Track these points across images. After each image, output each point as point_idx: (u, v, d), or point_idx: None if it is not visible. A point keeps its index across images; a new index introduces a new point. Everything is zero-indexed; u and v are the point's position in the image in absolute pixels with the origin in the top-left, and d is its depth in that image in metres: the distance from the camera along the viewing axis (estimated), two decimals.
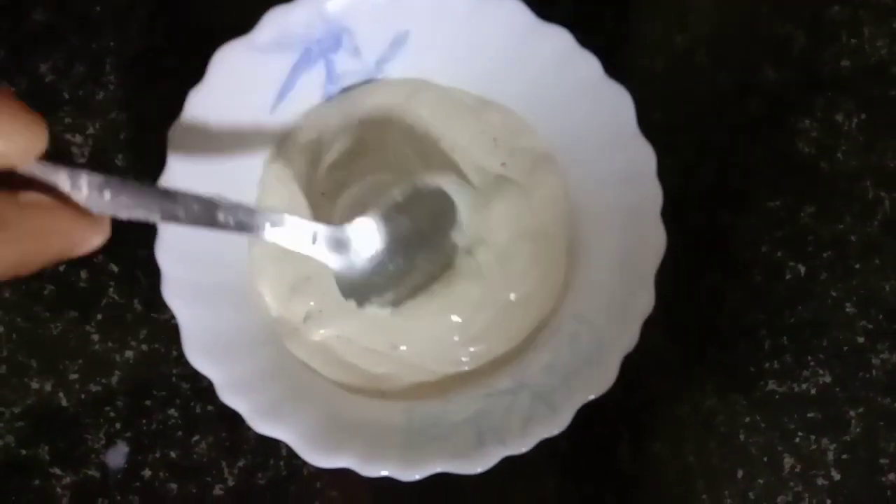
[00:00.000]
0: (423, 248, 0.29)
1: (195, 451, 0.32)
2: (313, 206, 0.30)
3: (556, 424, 0.27)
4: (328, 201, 0.30)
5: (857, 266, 0.34)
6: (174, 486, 0.32)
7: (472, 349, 0.30)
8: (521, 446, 0.27)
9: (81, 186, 0.20)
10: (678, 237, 0.28)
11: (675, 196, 0.28)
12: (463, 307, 0.30)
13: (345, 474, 0.27)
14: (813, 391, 0.33)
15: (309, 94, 0.30)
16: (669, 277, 0.28)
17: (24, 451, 0.32)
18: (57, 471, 0.32)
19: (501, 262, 0.30)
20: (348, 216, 0.28)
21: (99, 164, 0.32)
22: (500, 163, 0.30)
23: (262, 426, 0.27)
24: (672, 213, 0.28)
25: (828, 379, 0.33)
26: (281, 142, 0.30)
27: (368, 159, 0.30)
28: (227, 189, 0.28)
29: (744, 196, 0.34)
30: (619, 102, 0.28)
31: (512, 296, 0.30)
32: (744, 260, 0.34)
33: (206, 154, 0.28)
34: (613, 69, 0.28)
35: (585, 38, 0.28)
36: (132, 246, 0.32)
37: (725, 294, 0.33)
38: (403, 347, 0.30)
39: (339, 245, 0.27)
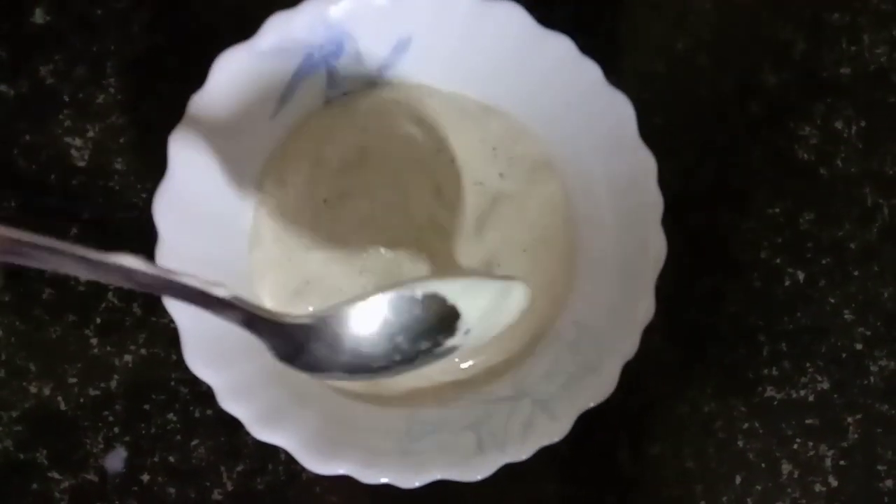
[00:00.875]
0: (407, 352, 0.25)
1: (194, 456, 0.32)
2: (314, 213, 0.30)
3: (556, 432, 0.27)
4: (330, 209, 0.30)
5: (856, 273, 0.34)
6: (173, 490, 0.32)
7: (470, 362, 0.30)
8: (521, 453, 0.27)
9: None
10: (678, 238, 0.28)
11: (676, 198, 0.28)
12: None
13: (344, 480, 0.27)
14: (811, 397, 0.33)
15: (311, 99, 0.29)
16: (669, 279, 0.28)
17: (22, 455, 0.32)
18: (55, 475, 0.32)
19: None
20: (357, 239, 0.28)
21: (99, 167, 0.32)
22: (498, 173, 0.30)
23: (262, 433, 0.27)
24: (672, 215, 0.28)
25: (826, 385, 0.33)
26: (282, 147, 0.30)
27: (370, 169, 0.30)
28: (227, 193, 0.29)
29: (744, 198, 0.34)
30: (620, 109, 0.28)
31: None
32: (743, 264, 0.34)
33: (207, 158, 0.28)
34: (613, 72, 0.28)
35: (585, 42, 0.28)
36: (132, 250, 0.32)
37: (725, 296, 0.33)
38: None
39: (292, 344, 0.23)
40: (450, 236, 0.30)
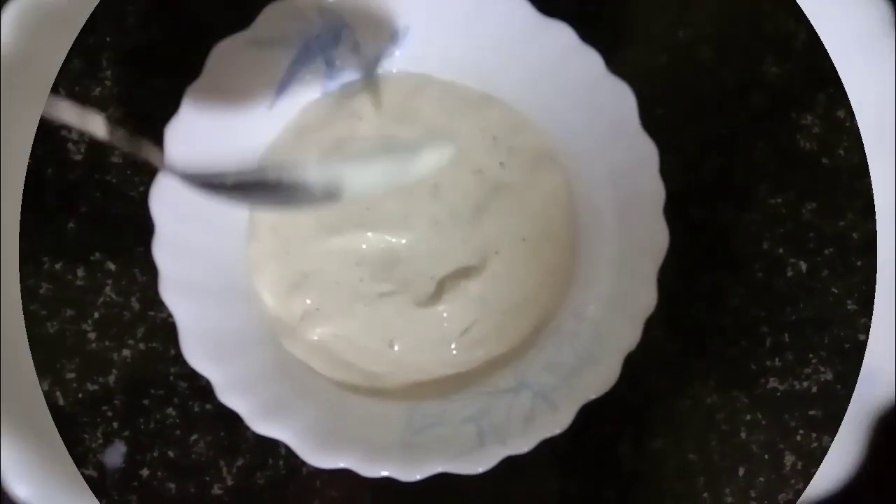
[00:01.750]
0: None
1: (193, 451, 0.32)
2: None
3: (557, 423, 0.27)
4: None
5: (859, 263, 0.33)
6: (172, 485, 0.32)
7: (471, 355, 0.30)
8: (523, 446, 0.27)
9: None
10: (679, 232, 0.28)
11: (677, 190, 0.28)
12: (460, 324, 0.30)
13: (345, 474, 0.27)
14: (814, 389, 0.33)
15: (308, 89, 0.29)
16: (670, 273, 0.28)
17: None
18: None
19: (503, 272, 0.30)
20: (355, 231, 0.29)
21: (95, 161, 0.32)
22: (498, 162, 0.30)
23: (262, 426, 0.27)
24: (673, 209, 0.28)
25: (829, 376, 0.33)
26: (280, 137, 0.30)
27: None
28: None
29: (745, 192, 0.34)
30: (621, 98, 0.28)
31: (514, 302, 0.30)
32: (745, 256, 0.33)
33: (204, 150, 0.27)
34: (615, 64, 0.28)
35: (587, 33, 0.28)
36: (129, 244, 0.32)
37: (726, 290, 0.33)
38: (397, 347, 0.30)
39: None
40: (447, 224, 0.30)
